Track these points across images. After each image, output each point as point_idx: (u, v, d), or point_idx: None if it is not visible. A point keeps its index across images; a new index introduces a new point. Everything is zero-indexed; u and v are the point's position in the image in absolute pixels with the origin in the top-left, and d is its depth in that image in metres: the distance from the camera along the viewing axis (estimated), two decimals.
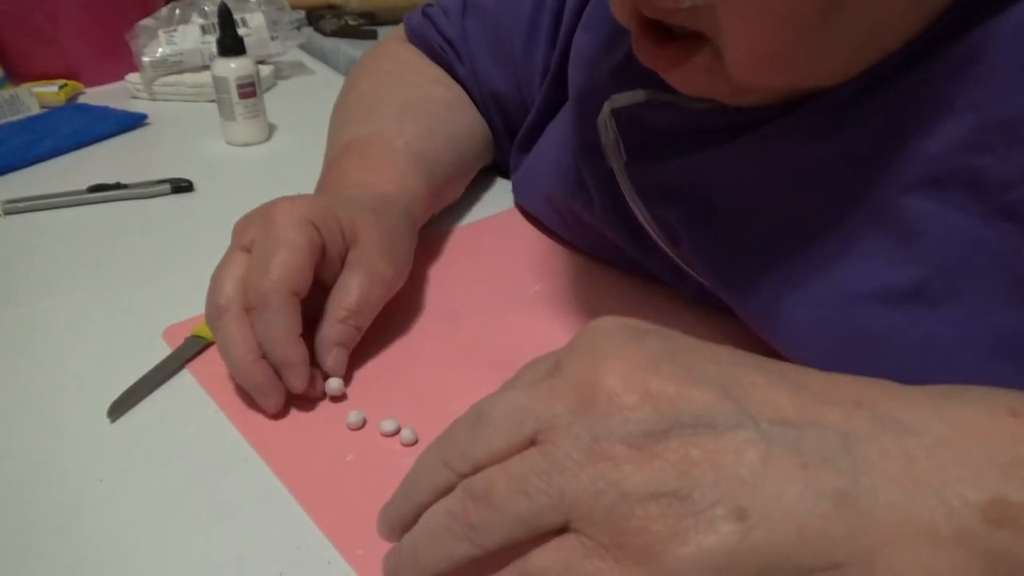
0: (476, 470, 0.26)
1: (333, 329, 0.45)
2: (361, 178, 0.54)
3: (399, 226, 0.51)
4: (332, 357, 0.45)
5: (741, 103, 0.41)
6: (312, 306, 0.46)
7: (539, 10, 0.60)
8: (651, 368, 0.25)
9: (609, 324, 0.27)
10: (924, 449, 0.23)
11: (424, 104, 0.64)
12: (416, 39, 0.70)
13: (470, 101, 0.68)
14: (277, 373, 0.43)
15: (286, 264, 0.43)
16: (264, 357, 0.43)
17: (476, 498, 0.26)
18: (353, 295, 0.46)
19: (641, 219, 0.48)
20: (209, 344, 0.49)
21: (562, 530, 0.25)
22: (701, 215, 0.46)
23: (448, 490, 0.27)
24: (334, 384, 0.45)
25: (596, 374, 0.25)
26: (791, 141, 0.40)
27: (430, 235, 0.61)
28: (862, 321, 0.39)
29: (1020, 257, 0.34)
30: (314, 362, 0.45)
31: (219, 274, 0.45)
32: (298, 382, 0.43)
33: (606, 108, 0.47)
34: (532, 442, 0.26)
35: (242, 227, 0.47)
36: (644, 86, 0.45)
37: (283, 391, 0.43)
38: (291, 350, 0.43)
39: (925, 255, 0.36)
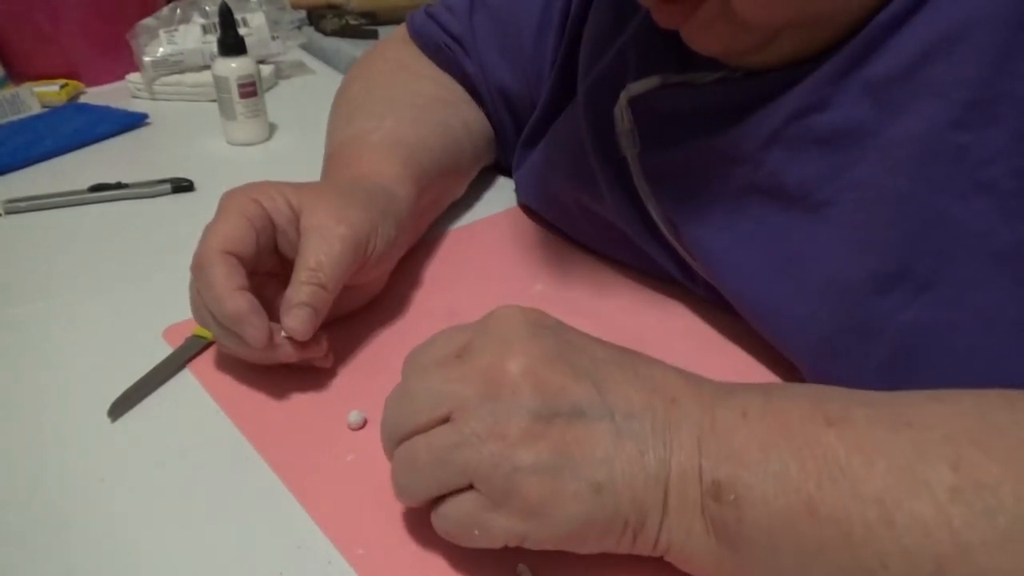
0: (405, 438, 0.34)
1: (293, 290, 0.44)
2: (342, 169, 0.55)
3: (357, 193, 0.50)
4: (292, 315, 0.43)
5: (754, 61, 0.42)
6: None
7: (550, 5, 0.61)
8: (545, 363, 0.32)
9: (514, 316, 0.34)
10: (700, 440, 0.32)
11: (410, 98, 0.64)
12: (420, 38, 0.70)
13: (469, 98, 0.67)
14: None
15: (215, 230, 0.44)
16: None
17: (403, 464, 0.34)
18: (309, 255, 0.45)
19: (649, 207, 0.49)
20: (210, 344, 0.49)
21: (468, 487, 0.32)
22: (702, 200, 0.46)
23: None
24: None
25: (502, 364, 0.32)
26: (786, 115, 0.41)
27: (432, 234, 0.61)
28: (855, 311, 0.39)
29: (997, 235, 0.35)
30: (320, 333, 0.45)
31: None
32: (253, 333, 0.42)
33: (623, 98, 0.47)
34: (447, 417, 0.32)
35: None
36: (657, 72, 0.46)
37: (260, 330, 0.42)
38: (230, 302, 0.42)
39: (909, 239, 0.37)
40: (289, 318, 0.43)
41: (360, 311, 0.52)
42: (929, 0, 0.36)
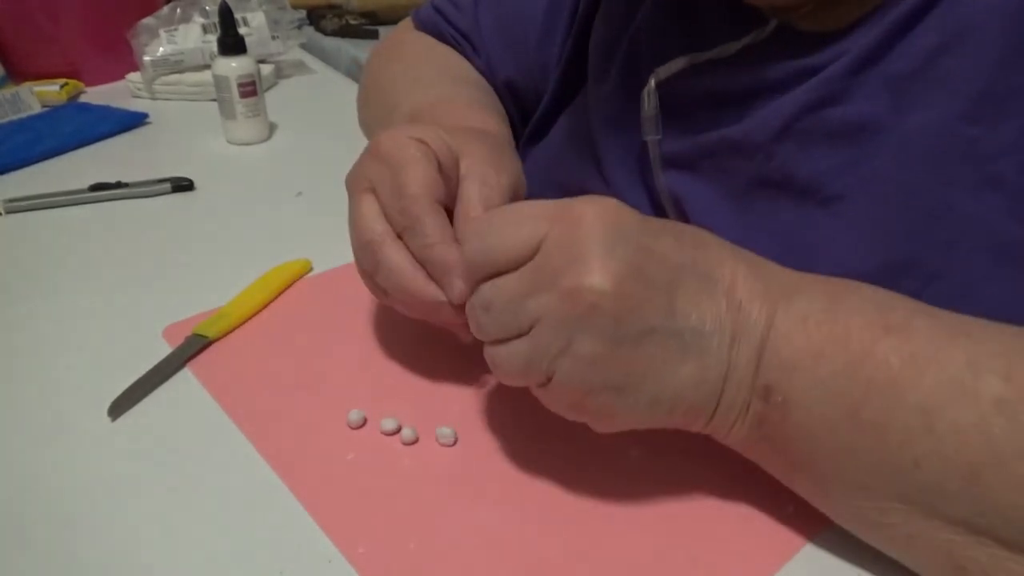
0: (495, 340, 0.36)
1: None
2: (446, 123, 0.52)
3: (501, 144, 0.49)
4: None
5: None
6: None
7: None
8: (621, 280, 0.32)
9: (594, 223, 0.33)
10: (759, 349, 0.34)
11: (462, 76, 0.64)
12: (427, 32, 0.70)
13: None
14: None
15: (416, 177, 0.42)
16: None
17: (498, 367, 0.36)
18: (476, 201, 0.44)
19: (663, 197, 0.49)
20: (210, 343, 0.49)
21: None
22: (714, 191, 0.46)
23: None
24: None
25: (580, 283, 0.32)
26: (799, 107, 0.41)
27: None
28: None
29: (1006, 230, 0.35)
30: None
31: (357, 218, 0.43)
32: (460, 285, 0.40)
33: (651, 82, 0.47)
34: (529, 325, 0.34)
35: (355, 176, 0.45)
36: (684, 52, 0.46)
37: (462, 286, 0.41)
38: (450, 251, 0.40)
39: (918, 230, 0.37)
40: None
41: (359, 312, 0.52)
42: None
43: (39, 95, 0.90)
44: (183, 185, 0.71)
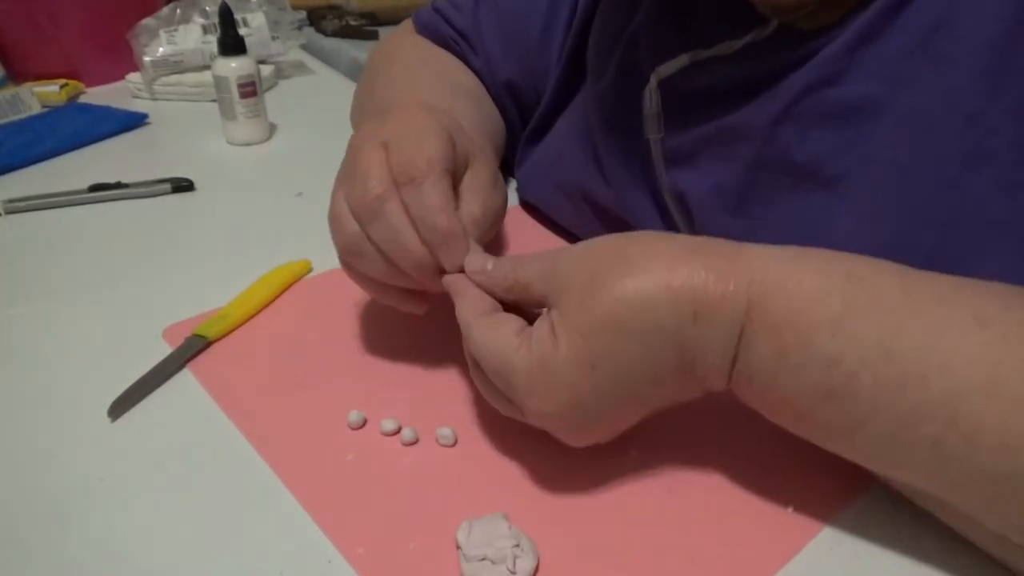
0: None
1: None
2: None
3: (496, 169, 0.48)
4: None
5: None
6: None
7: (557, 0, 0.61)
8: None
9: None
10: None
11: (461, 85, 0.64)
12: (427, 34, 0.70)
13: (487, 93, 0.68)
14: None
15: (435, 142, 0.41)
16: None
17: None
18: (476, 212, 0.43)
19: (666, 194, 0.49)
20: (210, 343, 0.49)
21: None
22: (717, 185, 0.46)
23: None
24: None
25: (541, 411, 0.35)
26: (799, 89, 0.41)
27: None
28: None
29: (996, 204, 0.35)
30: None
31: (361, 168, 0.42)
32: (457, 255, 0.40)
33: (653, 80, 0.47)
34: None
35: (367, 133, 0.44)
36: (685, 49, 0.46)
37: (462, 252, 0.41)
38: (447, 219, 0.40)
39: (917, 208, 0.38)
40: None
41: (359, 312, 0.52)
42: None
43: (39, 96, 0.90)
44: (183, 185, 0.71)
